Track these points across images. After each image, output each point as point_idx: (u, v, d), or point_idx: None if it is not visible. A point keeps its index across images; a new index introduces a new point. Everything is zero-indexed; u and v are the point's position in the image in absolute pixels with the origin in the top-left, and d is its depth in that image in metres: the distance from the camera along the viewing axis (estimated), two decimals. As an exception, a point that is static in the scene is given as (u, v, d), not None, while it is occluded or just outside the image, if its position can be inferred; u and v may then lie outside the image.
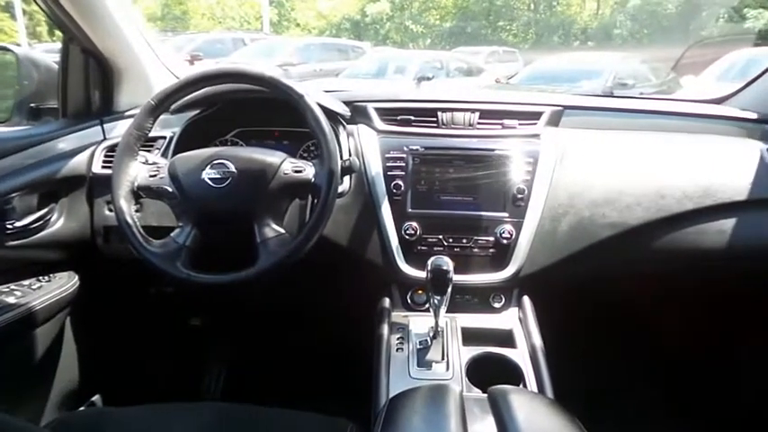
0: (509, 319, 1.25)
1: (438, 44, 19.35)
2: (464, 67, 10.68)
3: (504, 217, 1.26)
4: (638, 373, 1.68)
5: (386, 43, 19.32)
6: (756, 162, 1.30)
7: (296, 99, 1.10)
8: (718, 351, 1.68)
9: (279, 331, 1.84)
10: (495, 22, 21.62)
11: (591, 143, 1.36)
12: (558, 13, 21.90)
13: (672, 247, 1.29)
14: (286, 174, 1.11)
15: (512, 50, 15.59)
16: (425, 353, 1.15)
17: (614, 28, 19.29)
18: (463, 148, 1.31)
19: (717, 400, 1.68)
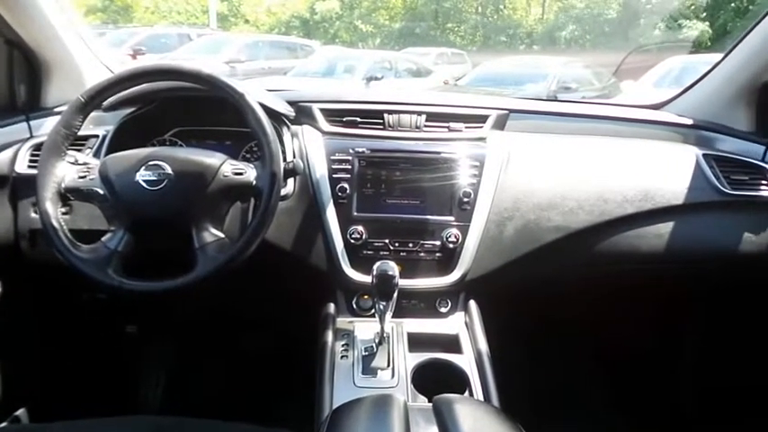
0: (455, 323, 1.25)
1: (387, 44, 19.39)
2: (413, 68, 10.74)
3: (450, 221, 1.25)
4: (583, 376, 1.71)
5: (335, 42, 19.19)
6: (693, 167, 1.34)
7: (236, 98, 1.06)
8: (660, 351, 1.74)
9: (219, 339, 1.78)
10: (444, 23, 21.87)
11: (535, 147, 1.37)
12: (505, 16, 22.37)
13: (613, 251, 1.31)
14: (226, 176, 1.07)
15: (460, 52, 15.80)
16: (371, 360, 1.12)
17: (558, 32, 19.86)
18: (410, 151, 1.29)
19: (661, 400, 1.73)
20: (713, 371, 1.65)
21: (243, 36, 13.41)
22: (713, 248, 1.34)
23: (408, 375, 1.08)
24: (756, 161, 1.37)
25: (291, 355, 1.36)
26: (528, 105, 1.50)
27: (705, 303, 1.59)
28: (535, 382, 1.50)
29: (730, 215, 1.33)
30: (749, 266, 1.35)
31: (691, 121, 1.48)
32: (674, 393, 1.72)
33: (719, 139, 1.44)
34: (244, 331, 1.73)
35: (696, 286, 1.50)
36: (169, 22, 18.92)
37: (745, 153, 1.39)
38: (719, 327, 1.63)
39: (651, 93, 6.44)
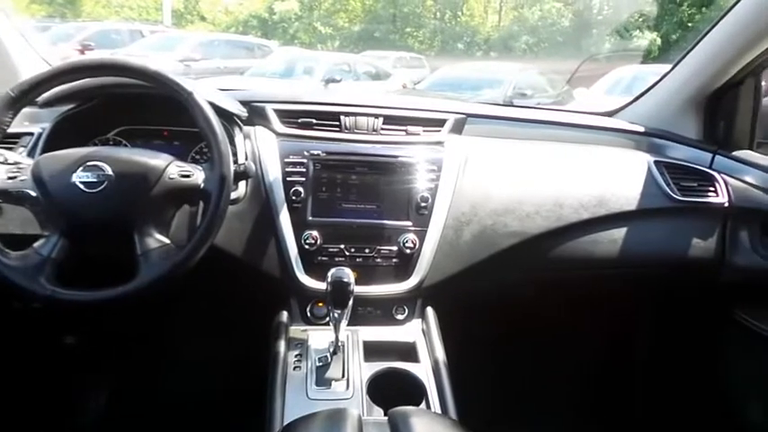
0: (412, 331, 1.22)
1: (347, 47, 19.33)
2: (372, 71, 10.74)
3: (407, 226, 1.23)
4: (542, 382, 1.72)
5: (294, 43, 19.02)
6: (644, 173, 1.36)
7: (183, 96, 1.01)
8: (615, 354, 1.76)
9: (166, 350, 1.70)
10: (403, 27, 22.00)
11: (493, 152, 1.37)
12: (463, 22, 22.68)
13: (569, 256, 1.32)
14: (172, 178, 1.01)
15: (418, 57, 15.91)
16: (325, 370, 1.09)
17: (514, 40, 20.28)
18: (366, 155, 1.26)
19: (615, 402, 1.76)
20: (663, 373, 1.69)
21: (198, 34, 13.10)
22: (664, 253, 1.36)
23: (364, 386, 1.05)
24: (704, 168, 1.40)
25: (242, 366, 1.31)
26: (485, 110, 1.49)
27: (657, 307, 1.62)
28: (494, 390, 1.49)
29: (680, 221, 1.36)
30: (698, 270, 1.38)
31: (642, 129, 1.51)
32: (627, 395, 1.75)
33: (670, 146, 1.47)
34: (191, 342, 1.66)
35: (648, 290, 1.53)
36: (121, 17, 18.33)
37: (694, 160, 1.42)
38: (670, 330, 1.66)
39: (603, 100, 6.64)
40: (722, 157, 1.41)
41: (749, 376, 1.43)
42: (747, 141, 1.43)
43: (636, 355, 1.76)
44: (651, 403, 1.71)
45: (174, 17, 18.82)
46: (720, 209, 1.35)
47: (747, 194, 1.33)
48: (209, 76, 7.95)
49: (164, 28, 13.67)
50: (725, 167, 1.39)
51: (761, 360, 1.34)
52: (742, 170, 1.36)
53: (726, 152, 1.41)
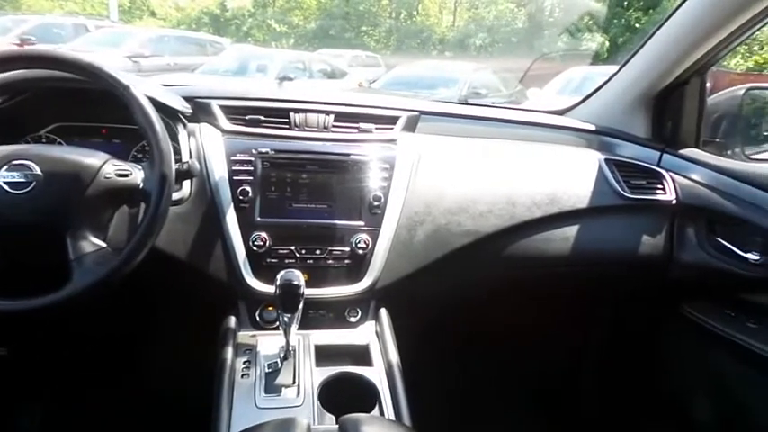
0: (365, 333, 1.19)
1: (301, 45, 19.13)
2: (327, 70, 10.65)
3: (360, 226, 1.20)
4: (497, 382, 1.72)
5: (247, 41, 18.68)
6: (596, 171, 1.38)
7: (120, 90, 0.95)
8: (568, 353, 1.78)
9: (105, 360, 1.60)
10: (359, 26, 21.95)
11: (446, 150, 1.35)
12: (418, 22, 22.81)
13: (522, 254, 1.32)
14: (108, 178, 0.96)
15: (374, 56, 15.90)
16: (275, 376, 1.04)
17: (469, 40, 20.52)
18: (317, 153, 1.22)
19: (573, 398, 1.78)
20: (615, 368, 1.72)
21: (148, 30, 12.67)
22: (615, 250, 1.38)
23: (315, 392, 1.01)
24: (653, 166, 1.42)
25: (188, 376, 1.25)
26: (439, 108, 1.48)
27: (608, 304, 1.64)
28: (449, 391, 1.48)
29: (630, 218, 1.38)
30: (647, 267, 1.40)
31: (593, 127, 1.52)
32: (580, 392, 1.77)
33: (619, 144, 1.49)
34: (133, 352, 1.58)
35: (600, 287, 1.54)
36: (64, 11, 17.56)
37: (643, 158, 1.44)
38: (621, 326, 1.69)
39: (555, 100, 6.79)
40: (670, 155, 1.44)
41: (696, 370, 1.46)
42: (694, 140, 1.46)
43: (588, 352, 1.78)
44: (603, 398, 1.74)
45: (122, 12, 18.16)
46: (668, 206, 1.37)
47: (694, 192, 1.35)
48: (159, 73, 7.71)
49: (110, 23, 13.13)
50: (672, 165, 1.42)
51: (707, 354, 1.37)
52: (688, 168, 1.39)
53: (673, 150, 1.44)
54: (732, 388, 1.33)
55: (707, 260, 1.33)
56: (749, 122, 1.80)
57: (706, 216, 1.34)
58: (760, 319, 1.25)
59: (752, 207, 1.24)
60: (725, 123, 1.51)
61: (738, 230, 1.28)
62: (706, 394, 1.41)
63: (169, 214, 1.03)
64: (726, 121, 1.51)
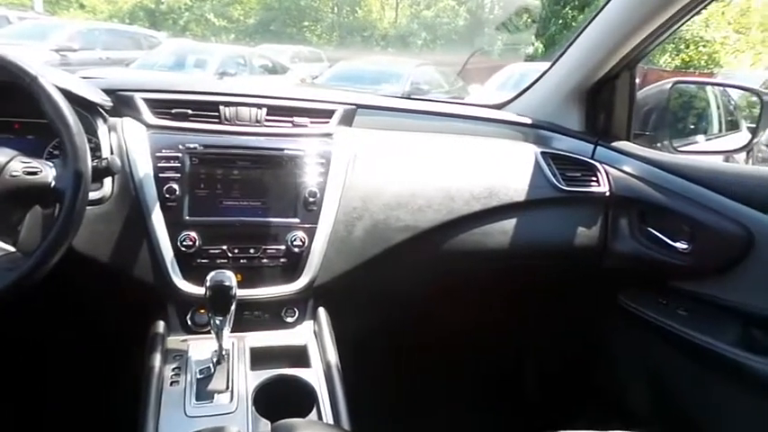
0: (303, 334, 1.15)
1: (242, 40, 18.72)
2: (269, 65, 10.47)
3: (295, 223, 1.15)
4: (440, 377, 1.71)
5: (185, 35, 18.11)
6: (532, 164, 1.39)
7: (26, 81, 0.88)
8: (510, 342, 1.80)
9: (21, 373, 1.50)
10: (300, 21, 21.69)
11: (384, 144, 1.33)
12: (360, 18, 22.78)
13: (461, 248, 1.31)
14: (14, 176, 0.88)
15: (317, 51, 15.78)
16: (207, 382, 0.99)
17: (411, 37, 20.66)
18: (249, 147, 1.17)
19: (515, 392, 1.79)
20: (556, 360, 1.75)
21: (76, 22, 12.04)
22: (552, 242, 1.39)
23: (250, 397, 0.97)
24: (587, 158, 1.45)
25: (114, 386, 1.18)
26: (376, 101, 1.45)
27: (548, 296, 1.66)
28: (391, 391, 1.46)
29: (566, 210, 1.40)
30: (583, 258, 1.42)
31: (530, 121, 1.53)
32: (522, 385, 1.79)
33: (555, 137, 1.51)
34: (51, 362, 1.48)
35: (539, 279, 1.56)
36: (-16, 2, 16.47)
37: (578, 151, 1.47)
38: (561, 318, 1.72)
39: (495, 95, 6.90)
40: (603, 147, 1.46)
41: (632, 358, 1.50)
42: (625, 133, 1.50)
43: (530, 343, 1.80)
44: (546, 389, 1.77)
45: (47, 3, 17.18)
46: (602, 198, 1.39)
47: (626, 184, 1.38)
48: (90, 68, 7.35)
49: (35, 14, 12.42)
50: (605, 158, 1.45)
51: (642, 342, 1.41)
52: (621, 160, 1.42)
53: (606, 143, 1.47)
54: (666, 374, 1.38)
55: (639, 250, 1.36)
56: (676, 116, 1.87)
57: (637, 207, 1.37)
58: (689, 306, 1.29)
59: (680, 197, 1.28)
60: (654, 116, 1.56)
61: (668, 220, 1.32)
62: (642, 381, 1.46)
63: (89, 214, 0.97)
64: (655, 115, 1.56)
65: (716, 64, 17.09)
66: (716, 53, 17.33)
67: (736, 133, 3.56)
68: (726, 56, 17.96)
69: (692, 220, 1.26)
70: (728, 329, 1.20)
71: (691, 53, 16.95)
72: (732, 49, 18.53)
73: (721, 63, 17.42)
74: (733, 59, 18.42)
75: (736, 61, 18.61)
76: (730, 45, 18.26)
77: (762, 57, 19.91)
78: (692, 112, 2.47)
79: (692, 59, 16.82)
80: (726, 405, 1.21)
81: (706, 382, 1.24)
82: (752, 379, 1.11)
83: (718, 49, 17.45)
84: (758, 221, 1.15)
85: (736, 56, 18.80)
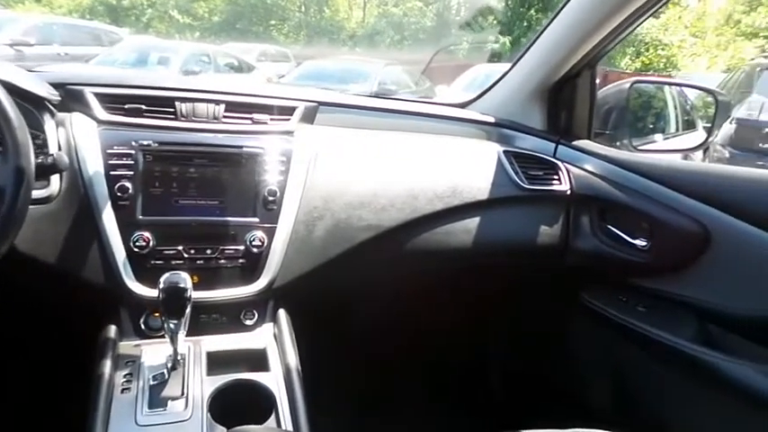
0: (263, 337, 1.12)
1: (207, 38, 18.40)
2: (234, 64, 10.33)
3: (254, 222, 1.12)
4: (405, 378, 1.70)
5: (148, 32, 17.70)
6: (495, 163, 1.38)
7: None
8: (474, 342, 1.80)
9: None
10: (267, 20, 21.46)
11: (346, 142, 1.31)
12: (328, 17, 22.68)
13: (424, 248, 1.30)
14: None
15: (284, 50, 15.63)
16: (161, 389, 0.95)
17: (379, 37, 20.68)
18: (206, 145, 1.13)
19: (475, 387, 1.79)
20: (520, 358, 1.76)
21: (32, 16, 11.64)
22: (516, 240, 1.40)
23: (205, 403, 0.93)
24: (549, 157, 1.45)
25: (65, 393, 1.13)
26: (338, 99, 1.43)
27: (512, 294, 1.67)
28: (355, 393, 1.44)
29: (529, 208, 1.40)
30: (546, 256, 1.43)
31: (493, 119, 1.53)
32: (487, 384, 1.80)
33: (518, 136, 1.51)
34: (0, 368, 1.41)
35: (503, 278, 1.56)
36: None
37: (540, 150, 1.47)
38: (525, 316, 1.73)
39: (461, 97, 6.97)
40: (564, 146, 1.47)
41: (594, 355, 1.51)
42: (586, 131, 1.51)
43: (495, 342, 1.81)
44: (510, 387, 1.77)
45: (-2, -5, 16.57)
46: (564, 196, 1.40)
47: (587, 182, 1.40)
48: (48, 63, 7.10)
49: (-14, 7, 11.97)
50: (567, 156, 1.46)
51: (603, 339, 1.42)
52: (582, 159, 1.43)
53: (567, 142, 1.48)
54: (628, 371, 1.39)
55: (600, 247, 1.37)
56: (636, 115, 1.91)
57: (598, 205, 1.39)
58: (649, 303, 1.31)
59: (639, 195, 1.29)
60: (614, 115, 1.58)
61: (628, 218, 1.33)
62: (605, 379, 1.47)
63: (34, 213, 0.93)
64: (615, 114, 1.58)
65: (674, 67, 17.64)
66: (674, 56, 17.90)
67: (693, 132, 3.66)
68: (683, 59, 18.56)
69: (650, 218, 1.28)
70: (686, 326, 1.22)
71: (650, 56, 17.45)
72: (689, 52, 19.16)
73: (679, 66, 17.99)
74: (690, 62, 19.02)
75: (693, 64, 19.24)
76: (687, 48, 18.87)
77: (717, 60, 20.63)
78: (651, 112, 2.53)
79: (652, 62, 17.32)
80: (685, 401, 1.22)
81: (666, 378, 1.26)
82: (708, 374, 1.13)
83: (675, 52, 18.02)
84: (714, 219, 1.17)
85: (693, 59, 19.44)
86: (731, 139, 5.65)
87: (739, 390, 1.07)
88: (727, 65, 18.37)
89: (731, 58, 19.57)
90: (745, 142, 5.58)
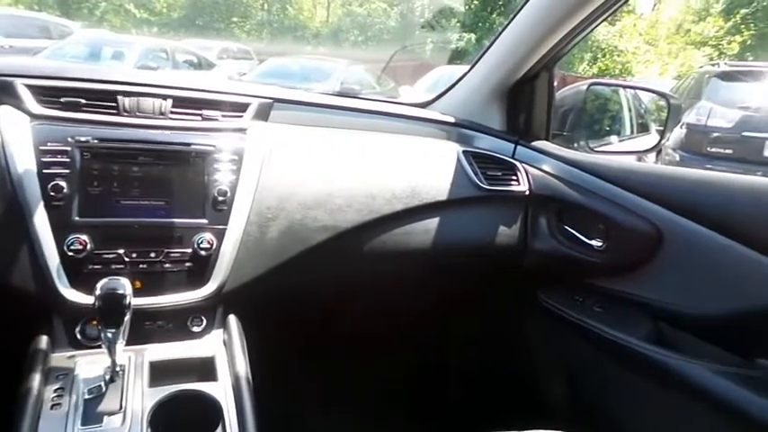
0: (211, 344, 1.07)
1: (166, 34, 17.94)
2: (194, 61, 10.10)
3: (203, 224, 1.07)
4: (362, 382, 1.66)
5: (102, 27, 17.13)
6: (454, 163, 1.37)
7: None
8: (433, 343, 1.78)
9: None
10: (229, 17, 21.09)
11: (302, 140, 1.26)
12: (291, 16, 22.46)
13: (383, 249, 1.27)
14: None
15: (246, 48, 15.41)
16: (97, 403, 0.89)
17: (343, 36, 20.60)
18: (151, 142, 1.07)
19: (434, 388, 1.77)
20: (480, 358, 1.75)
21: (-24, 7, 11.14)
22: (475, 241, 1.38)
23: (146, 417, 0.88)
24: (507, 158, 1.45)
25: None
26: (294, 95, 1.38)
27: (472, 295, 1.66)
28: (310, 399, 1.40)
29: (488, 209, 1.39)
30: (505, 257, 1.42)
31: (453, 119, 1.52)
32: (446, 385, 1.78)
33: (477, 136, 1.50)
34: None
35: (462, 279, 1.55)
36: None
37: (498, 150, 1.47)
38: (485, 317, 1.72)
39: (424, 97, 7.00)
40: (523, 147, 1.47)
41: (552, 356, 1.52)
42: (544, 132, 1.52)
43: (454, 344, 1.79)
44: (468, 391, 1.76)
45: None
46: (522, 197, 1.40)
47: (545, 183, 1.40)
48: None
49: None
50: (525, 157, 1.45)
51: (561, 339, 1.42)
52: (539, 160, 1.43)
53: (526, 142, 1.48)
54: (585, 371, 1.40)
55: (557, 248, 1.38)
56: (592, 117, 1.93)
57: (555, 205, 1.39)
58: (604, 303, 1.32)
59: (595, 196, 1.30)
60: (571, 117, 1.59)
61: (584, 219, 1.34)
62: (563, 379, 1.47)
63: None
64: (572, 115, 1.59)
65: (628, 73, 18.19)
66: (628, 62, 18.46)
67: (647, 135, 3.76)
68: (637, 65, 19.15)
69: (606, 219, 1.28)
70: (640, 325, 1.23)
71: (606, 62, 17.94)
72: (643, 59, 19.79)
73: (633, 72, 18.56)
74: (644, 69, 19.65)
75: (646, 71, 19.88)
76: (641, 55, 19.50)
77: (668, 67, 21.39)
78: (607, 114, 2.58)
79: (608, 68, 17.81)
80: (639, 400, 1.23)
81: (622, 378, 1.26)
82: (661, 373, 1.14)
83: (630, 58, 18.58)
84: (667, 219, 1.18)
85: (647, 66, 20.09)
86: (682, 143, 5.86)
87: (691, 388, 1.09)
88: (678, 72, 19.09)
89: (681, 66, 20.34)
90: (694, 146, 5.80)
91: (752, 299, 1.06)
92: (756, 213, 1.08)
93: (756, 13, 19.76)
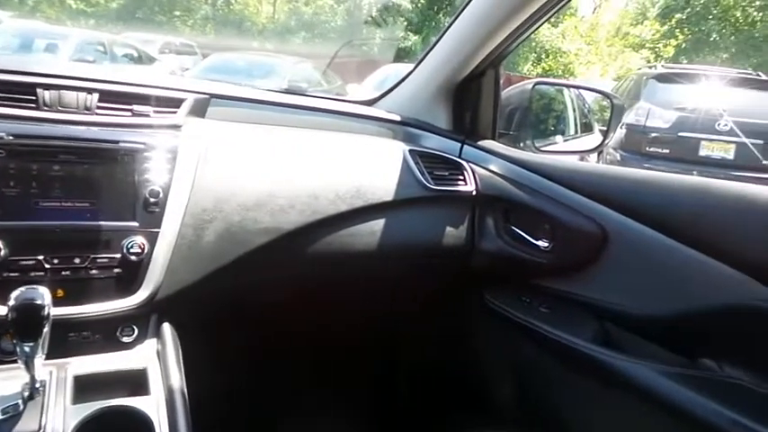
0: (144, 355, 0.99)
1: (104, 26, 17.20)
2: (134, 55, 9.74)
3: (133, 227, 1.00)
4: (305, 392, 1.62)
5: (35, 17, 16.25)
6: (401, 163, 1.34)
7: None
8: (384, 347, 1.75)
9: None
10: (171, 10, 20.43)
11: (241, 138, 1.21)
12: (236, 11, 22.00)
13: (327, 251, 1.23)
14: None
15: (190, 43, 14.97)
16: (13, 424, 0.81)
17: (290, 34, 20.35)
18: (75, 139, 0.99)
19: (386, 394, 1.74)
20: (428, 361, 1.73)
21: None
22: (422, 242, 1.36)
23: None
24: (454, 157, 1.43)
25: None
26: (233, 91, 1.32)
27: (420, 297, 1.64)
28: (254, 408, 1.34)
29: (435, 209, 1.37)
30: (453, 257, 1.40)
31: (398, 118, 1.49)
32: (394, 386, 1.76)
33: (423, 135, 1.48)
34: None
35: (411, 281, 1.53)
36: None
37: (445, 149, 1.45)
38: (433, 318, 1.70)
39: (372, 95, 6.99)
40: (469, 146, 1.46)
41: (500, 357, 1.51)
42: (490, 132, 1.51)
43: (402, 346, 1.77)
44: (417, 393, 1.74)
45: None
46: (469, 197, 1.39)
47: (491, 182, 1.39)
48: None
49: None
50: (472, 157, 1.44)
51: (508, 340, 1.42)
52: (486, 159, 1.42)
53: (472, 142, 1.47)
54: (533, 372, 1.40)
55: (504, 248, 1.37)
56: (538, 117, 1.94)
57: (502, 205, 1.38)
58: (551, 303, 1.32)
59: (541, 196, 1.30)
60: (517, 116, 1.59)
61: (530, 218, 1.34)
62: (511, 380, 1.47)
63: None
64: (518, 114, 1.60)
65: (571, 73, 18.80)
66: (571, 63, 19.08)
67: (590, 135, 3.86)
68: (579, 66, 19.83)
69: (551, 219, 1.28)
70: (586, 326, 1.23)
71: (550, 62, 18.47)
72: (585, 60, 20.49)
73: (575, 73, 19.19)
74: (585, 70, 20.35)
75: (588, 72, 20.59)
76: (583, 56, 20.19)
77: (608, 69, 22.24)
78: (552, 114, 2.63)
79: (552, 68, 18.34)
80: (585, 400, 1.24)
81: (569, 378, 1.27)
82: (605, 373, 1.14)
83: (573, 59, 19.21)
84: (612, 220, 1.19)
85: (588, 67, 20.81)
86: (622, 143, 6.07)
87: (636, 389, 1.09)
88: (618, 74, 19.85)
89: (621, 68, 21.17)
90: (633, 146, 6.02)
91: (696, 299, 1.08)
92: (698, 213, 1.10)
93: (690, 18, 20.82)
